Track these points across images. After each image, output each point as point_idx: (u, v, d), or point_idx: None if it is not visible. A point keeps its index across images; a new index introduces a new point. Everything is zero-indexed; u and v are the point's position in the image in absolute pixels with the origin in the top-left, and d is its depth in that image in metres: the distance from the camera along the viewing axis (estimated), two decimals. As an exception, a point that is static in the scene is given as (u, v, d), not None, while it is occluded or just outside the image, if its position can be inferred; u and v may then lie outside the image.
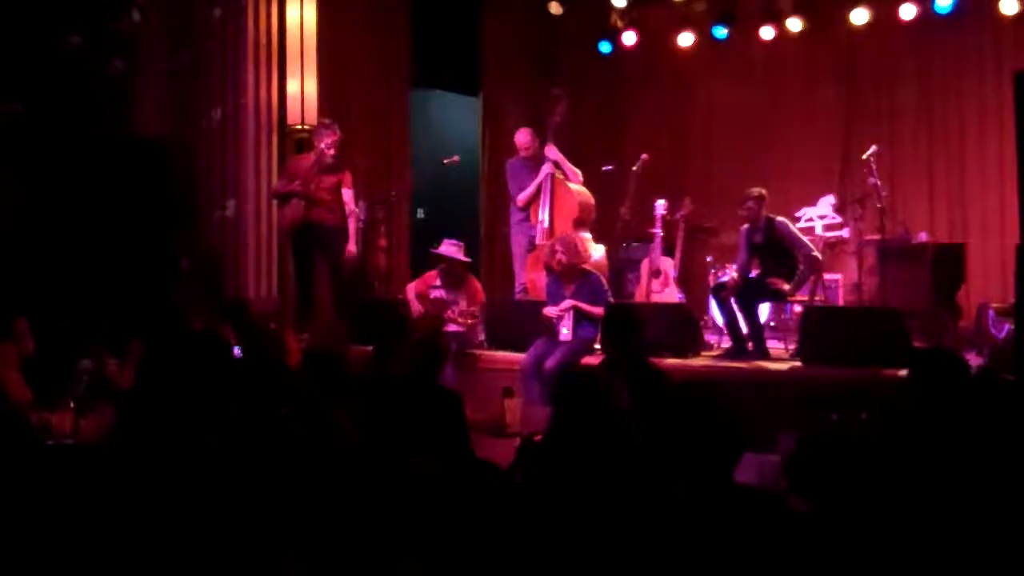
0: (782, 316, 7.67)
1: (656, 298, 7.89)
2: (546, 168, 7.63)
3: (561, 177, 7.64)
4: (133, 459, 2.74)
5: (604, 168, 8.58)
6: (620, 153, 9.18)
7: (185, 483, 2.66)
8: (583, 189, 7.66)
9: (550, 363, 5.94)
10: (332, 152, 7.08)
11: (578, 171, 7.74)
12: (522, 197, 7.73)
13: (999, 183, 8.56)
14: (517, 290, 7.90)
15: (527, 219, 7.79)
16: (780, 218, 6.78)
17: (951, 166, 9.07)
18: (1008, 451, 2.85)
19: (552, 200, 7.62)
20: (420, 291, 7.28)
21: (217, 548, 2.54)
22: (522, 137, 7.83)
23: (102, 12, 7.23)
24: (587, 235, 7.39)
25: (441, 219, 9.45)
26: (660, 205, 8.10)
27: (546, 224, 7.60)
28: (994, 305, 7.21)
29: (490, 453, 3.53)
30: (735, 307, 6.63)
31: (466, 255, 7.24)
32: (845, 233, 7.97)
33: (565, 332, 6.08)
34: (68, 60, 7.10)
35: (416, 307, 7.19)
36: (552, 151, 7.63)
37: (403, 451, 3.31)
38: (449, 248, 7.09)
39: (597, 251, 7.44)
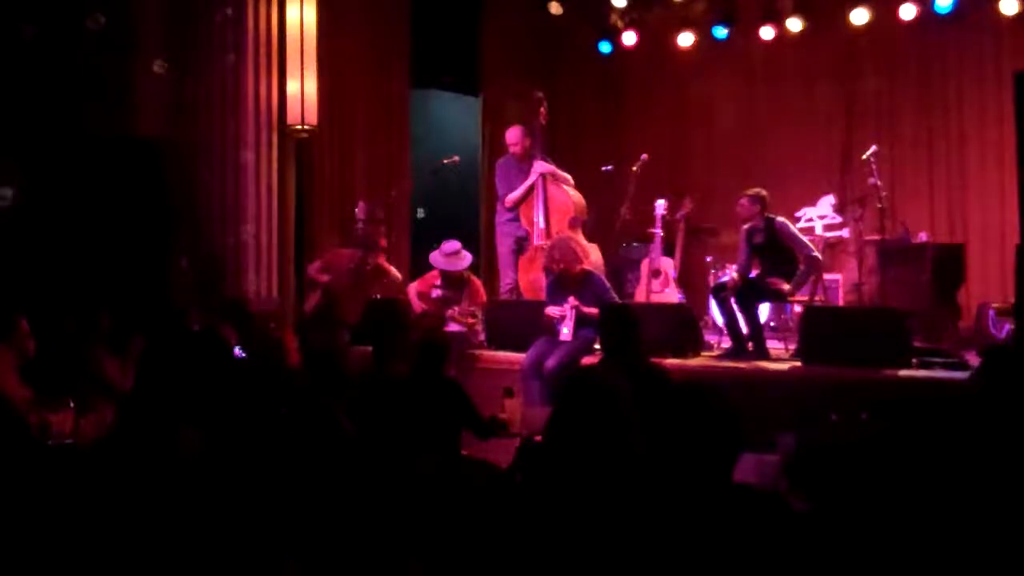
0: (782, 316, 7.67)
1: (656, 298, 7.89)
2: (537, 168, 7.63)
3: (552, 179, 7.66)
4: (133, 459, 2.73)
5: (604, 168, 8.58)
6: (620, 153, 9.18)
7: (185, 483, 2.65)
8: (574, 191, 7.69)
9: (550, 363, 5.94)
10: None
11: (568, 176, 7.77)
12: (511, 198, 7.74)
13: (999, 183, 8.56)
14: (503, 290, 7.91)
15: (515, 219, 7.79)
16: (780, 218, 6.78)
17: (951, 166, 9.07)
18: (1008, 451, 2.85)
19: (546, 200, 7.63)
20: (421, 291, 7.28)
21: (217, 548, 2.54)
22: (513, 134, 7.83)
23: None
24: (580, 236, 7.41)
25: (441, 219, 9.45)
26: (660, 205, 8.10)
27: (541, 225, 7.60)
28: (994, 305, 7.22)
29: (490, 453, 3.53)
30: (735, 307, 6.63)
31: (469, 262, 7.24)
32: (845, 233, 7.97)
33: (565, 332, 6.08)
34: (70, 58, 7.10)
35: (418, 306, 7.19)
36: (541, 165, 7.65)
37: (403, 451, 3.31)
38: (448, 259, 7.10)
39: (592, 251, 7.45)
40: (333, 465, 3.06)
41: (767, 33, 9.44)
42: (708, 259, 8.59)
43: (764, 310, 7.28)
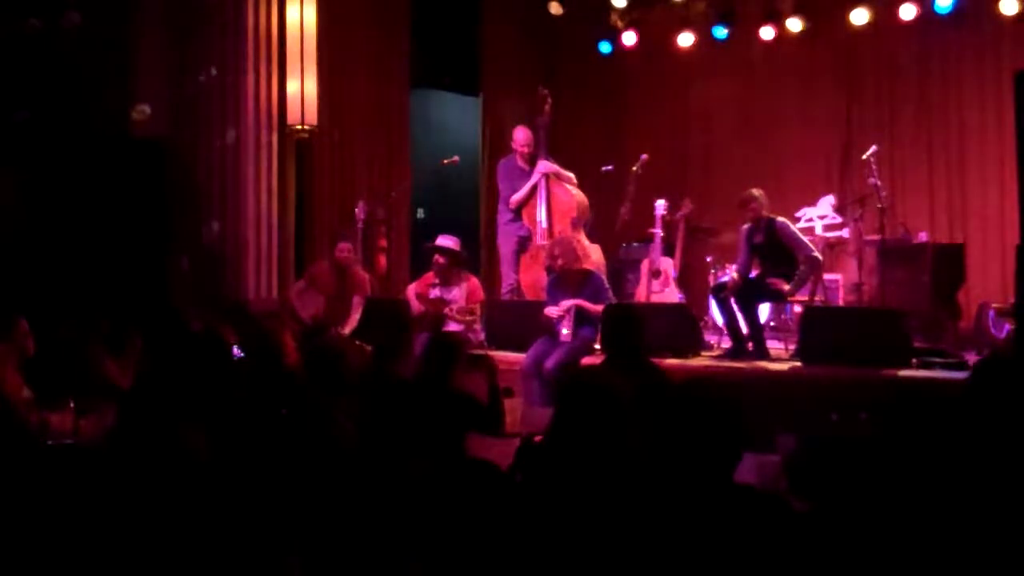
0: (782, 316, 7.67)
1: (656, 298, 7.89)
2: (540, 168, 7.64)
3: (556, 179, 7.67)
4: (133, 459, 2.73)
5: (604, 168, 8.58)
6: (620, 153, 9.18)
7: (185, 484, 2.66)
8: (577, 190, 7.70)
9: (550, 363, 5.94)
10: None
11: (572, 175, 7.77)
12: (515, 199, 7.74)
13: (999, 183, 8.56)
14: (505, 290, 7.91)
15: (516, 219, 7.80)
16: (780, 218, 6.78)
17: (951, 166, 9.06)
18: (1008, 452, 2.85)
19: (549, 200, 7.63)
20: (420, 291, 7.28)
21: (217, 549, 2.54)
22: (523, 135, 7.83)
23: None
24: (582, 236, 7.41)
25: (441, 219, 9.46)
26: (660, 205, 8.10)
27: (544, 224, 7.61)
28: (994, 305, 7.20)
29: (490, 453, 3.52)
30: (735, 307, 6.63)
31: (461, 251, 7.25)
32: (845, 233, 7.97)
33: (565, 332, 6.08)
34: (69, 57, 7.10)
35: (416, 307, 7.19)
36: (545, 165, 7.65)
37: (404, 451, 3.31)
38: (444, 240, 7.12)
39: (594, 251, 7.44)
40: (333, 466, 3.06)
41: (767, 33, 9.44)
42: (708, 259, 8.59)
43: (764, 310, 7.27)
